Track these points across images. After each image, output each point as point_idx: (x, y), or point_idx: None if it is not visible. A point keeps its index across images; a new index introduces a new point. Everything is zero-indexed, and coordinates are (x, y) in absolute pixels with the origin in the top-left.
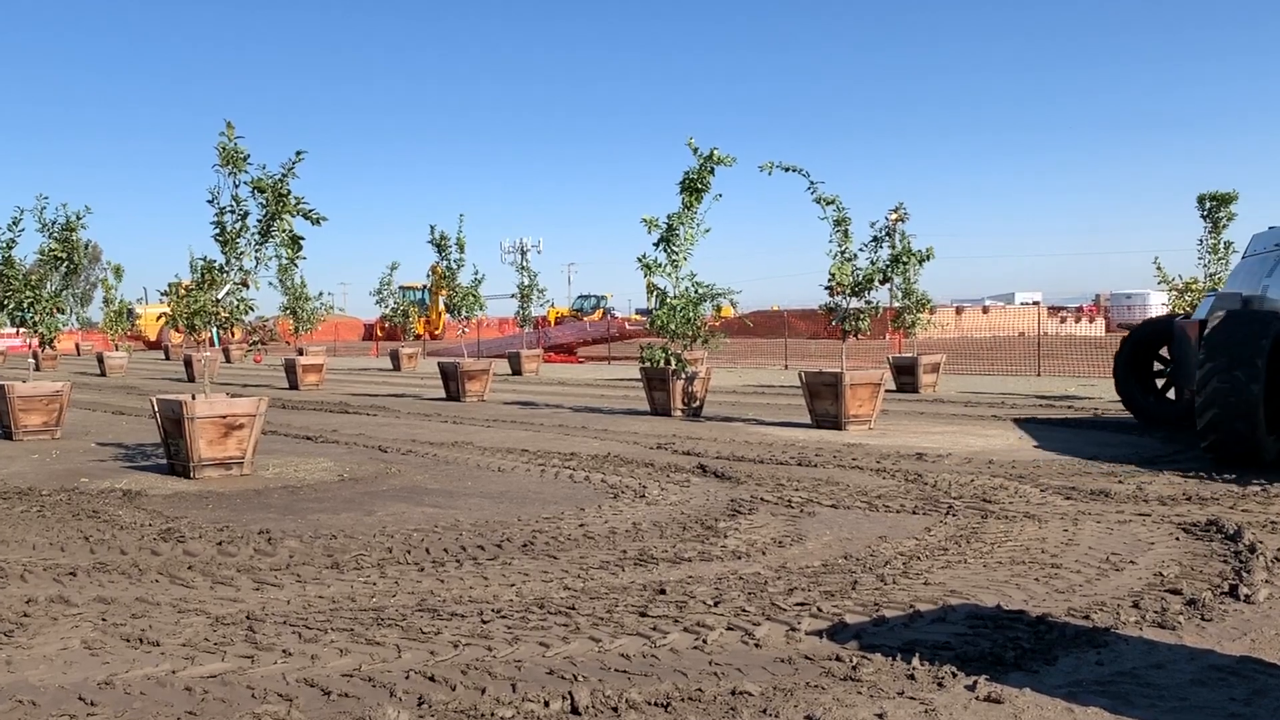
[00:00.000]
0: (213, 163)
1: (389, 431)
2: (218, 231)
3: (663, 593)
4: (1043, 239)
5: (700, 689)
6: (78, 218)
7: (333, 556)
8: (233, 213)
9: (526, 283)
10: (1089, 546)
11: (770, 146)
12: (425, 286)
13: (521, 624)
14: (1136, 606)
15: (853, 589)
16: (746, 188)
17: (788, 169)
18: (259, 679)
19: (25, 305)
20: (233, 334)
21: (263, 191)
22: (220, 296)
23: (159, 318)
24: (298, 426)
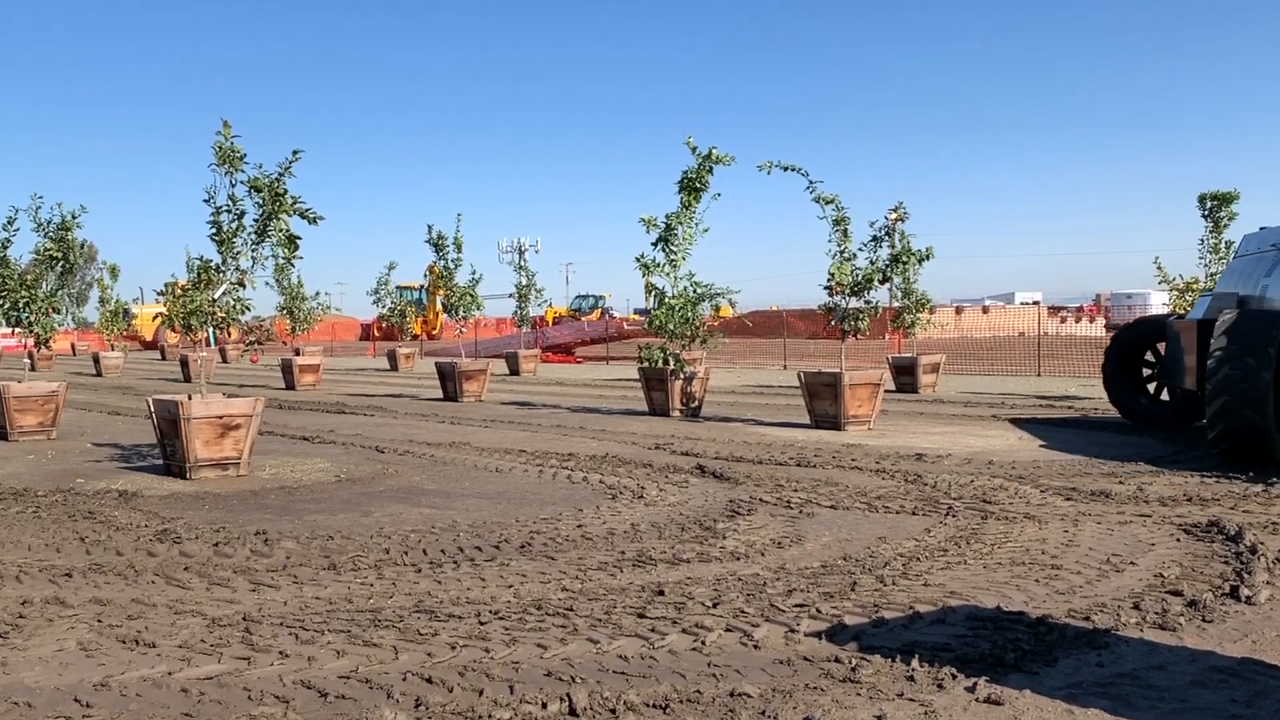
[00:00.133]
0: (209, 162)
1: (386, 432)
2: (214, 231)
3: (661, 594)
4: (1043, 239)
5: (699, 690)
6: (73, 217)
7: (330, 558)
8: (229, 212)
9: (524, 282)
10: (1089, 547)
11: (769, 145)
12: (423, 286)
13: (519, 625)
14: (1137, 608)
15: (852, 590)
16: (745, 187)
17: (787, 168)
18: (255, 681)
19: (21, 305)
20: (229, 334)
21: (259, 191)
22: (217, 296)
23: (155, 318)
24: (294, 427)
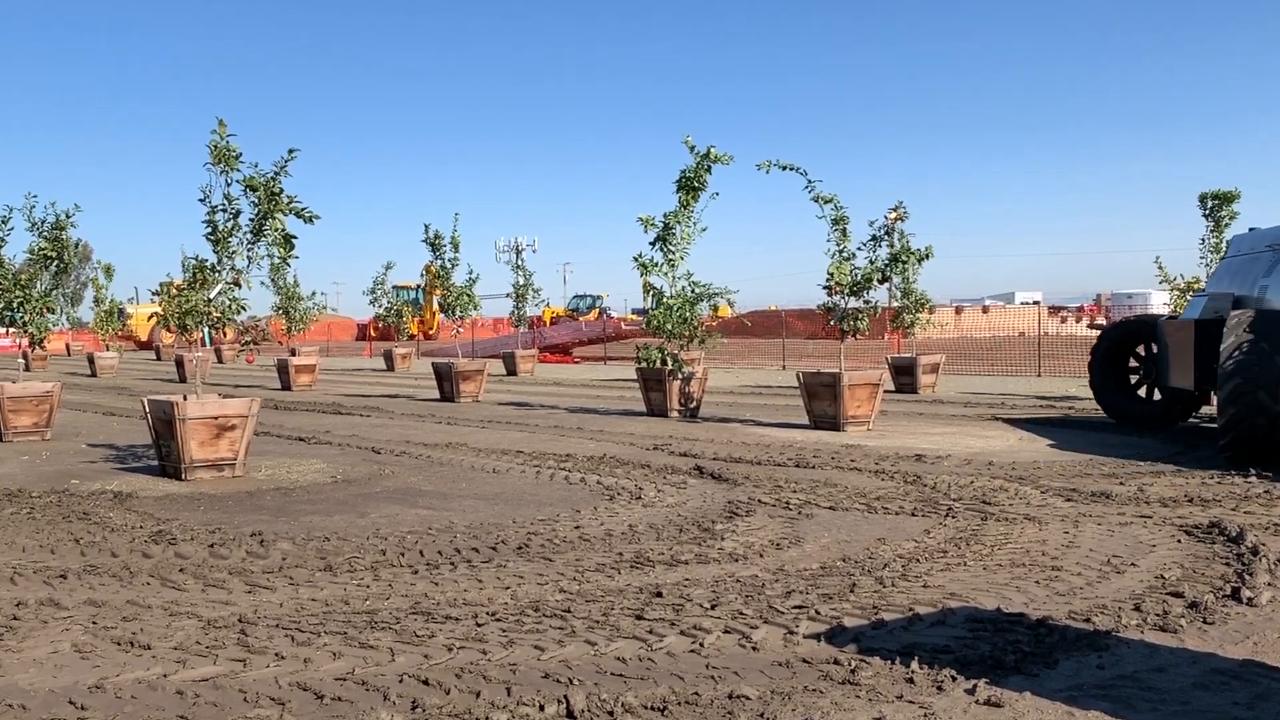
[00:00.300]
0: (204, 161)
1: (382, 433)
2: (209, 230)
3: (659, 595)
4: (1043, 239)
5: (697, 693)
6: (67, 216)
7: (326, 559)
8: (225, 211)
9: (522, 282)
10: (1090, 549)
11: (768, 145)
12: (419, 286)
13: (516, 627)
14: (1138, 609)
15: (851, 592)
16: (744, 186)
17: (785, 167)
18: (251, 682)
19: (15, 305)
20: (225, 334)
21: (255, 190)
22: (212, 296)
23: (150, 318)
24: (290, 428)
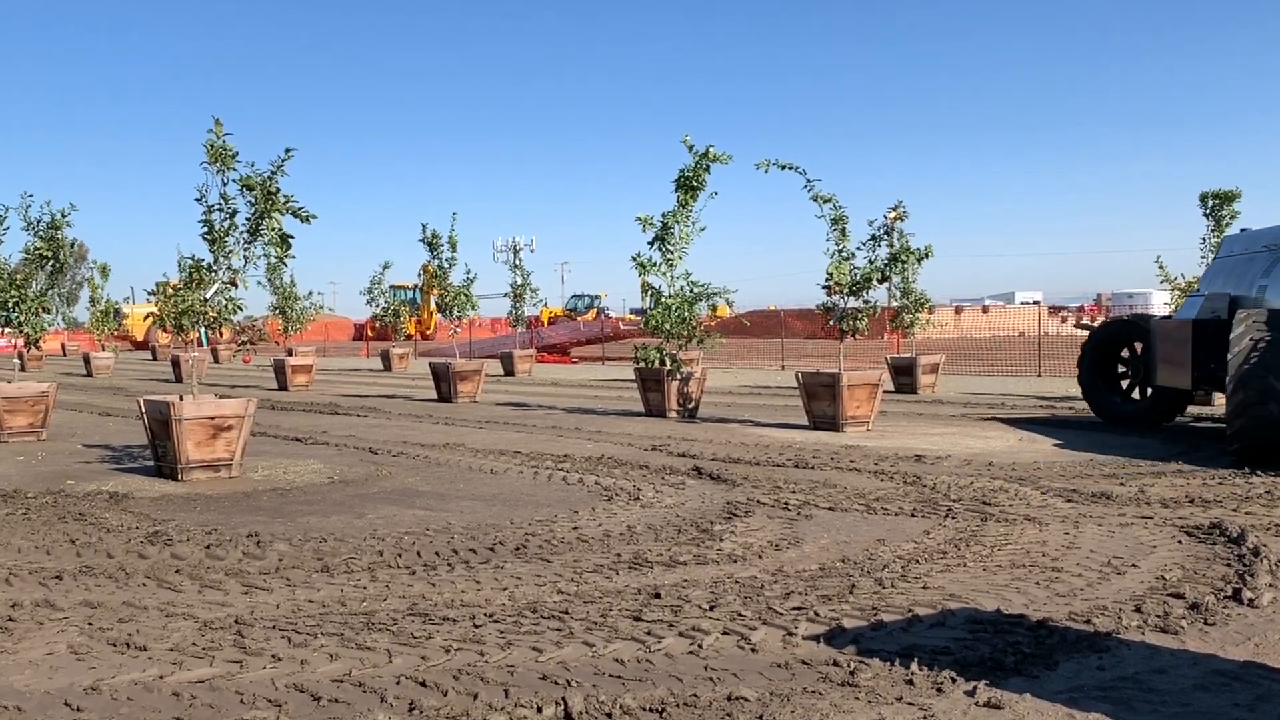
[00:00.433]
0: (201, 160)
1: (380, 433)
2: (206, 230)
3: (657, 597)
4: (1043, 239)
5: (696, 695)
6: (63, 215)
7: (322, 560)
8: (221, 211)
9: (519, 282)
10: (1090, 550)
11: (767, 144)
12: (417, 286)
13: (514, 628)
14: (1139, 610)
15: (850, 593)
16: (743, 186)
17: (784, 166)
18: (248, 684)
19: (10, 305)
20: (221, 334)
21: (251, 189)
22: (208, 296)
23: (146, 317)
24: (287, 428)
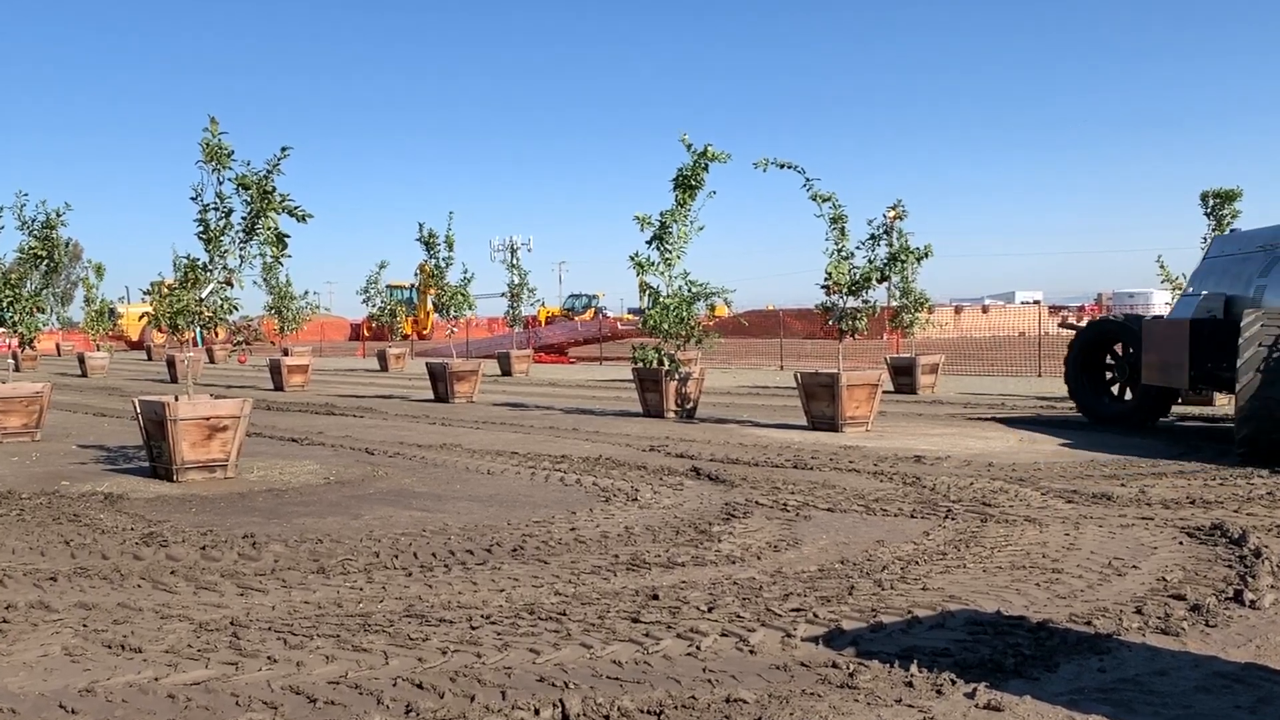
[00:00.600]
0: (196, 159)
1: (376, 433)
2: (201, 229)
3: (655, 598)
4: (1043, 239)
5: (694, 696)
6: (58, 215)
7: (318, 561)
8: (217, 210)
9: (517, 281)
10: (1091, 551)
11: (766, 143)
12: (413, 285)
13: (511, 630)
14: (1139, 612)
15: (849, 594)
16: (742, 185)
17: (783, 165)
18: (243, 686)
19: (5, 305)
20: (216, 334)
21: (247, 188)
22: (204, 296)
23: (141, 317)
24: (283, 428)
